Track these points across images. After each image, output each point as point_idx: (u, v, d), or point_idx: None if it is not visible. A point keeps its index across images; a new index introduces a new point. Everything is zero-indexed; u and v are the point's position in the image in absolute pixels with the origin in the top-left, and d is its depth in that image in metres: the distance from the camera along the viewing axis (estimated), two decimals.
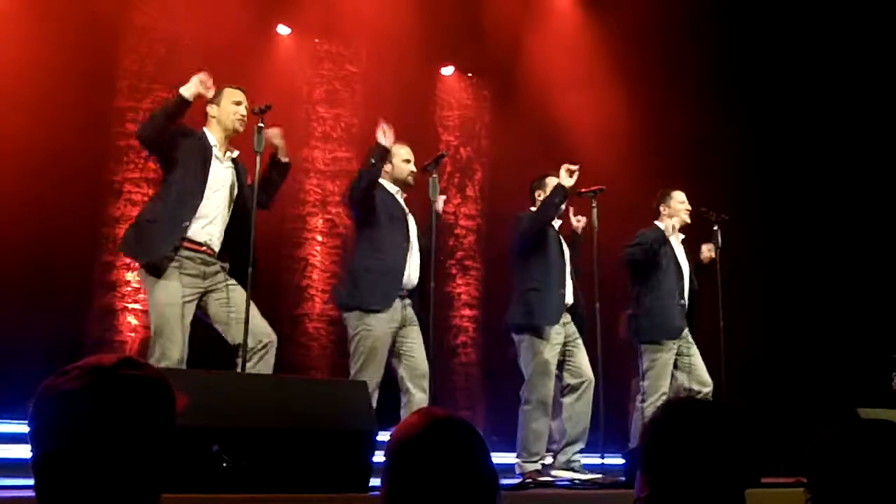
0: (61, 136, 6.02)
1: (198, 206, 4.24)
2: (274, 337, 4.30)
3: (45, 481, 1.35)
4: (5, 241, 5.88)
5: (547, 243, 5.36)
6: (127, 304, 6.77)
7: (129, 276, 6.78)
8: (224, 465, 2.96)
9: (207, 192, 4.29)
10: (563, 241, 5.49)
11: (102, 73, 6.79)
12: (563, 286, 5.35)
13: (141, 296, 6.79)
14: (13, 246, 5.89)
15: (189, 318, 4.20)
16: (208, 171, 4.31)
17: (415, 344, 4.75)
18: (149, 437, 1.36)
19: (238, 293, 4.28)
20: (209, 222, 4.30)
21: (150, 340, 4.22)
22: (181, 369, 4.00)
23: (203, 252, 4.27)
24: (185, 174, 4.27)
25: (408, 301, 4.80)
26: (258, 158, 4.38)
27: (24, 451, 1.42)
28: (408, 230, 4.87)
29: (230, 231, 4.39)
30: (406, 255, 4.78)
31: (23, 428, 1.38)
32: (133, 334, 6.74)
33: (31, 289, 5.91)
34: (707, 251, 5.93)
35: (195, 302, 4.24)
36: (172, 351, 4.09)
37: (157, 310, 4.15)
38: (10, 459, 4.79)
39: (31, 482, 1.37)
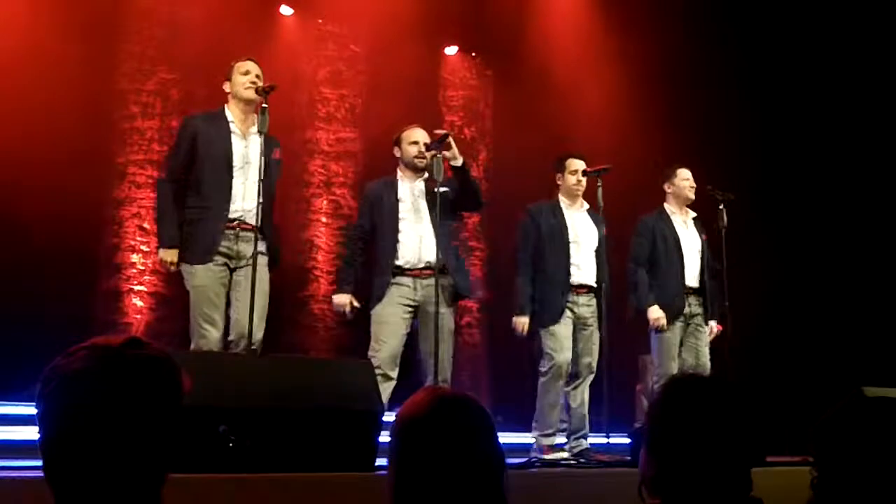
0: (65, 118, 6.00)
1: (229, 192, 4.36)
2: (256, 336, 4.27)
3: (54, 462, 1.35)
4: (10, 224, 5.87)
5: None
6: (133, 287, 6.78)
7: (135, 258, 6.79)
8: (230, 445, 2.98)
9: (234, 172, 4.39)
10: (587, 217, 5.47)
11: (105, 55, 6.77)
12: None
13: (146, 277, 6.80)
14: (18, 229, 5.88)
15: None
16: (231, 152, 4.41)
17: None
18: (156, 417, 1.37)
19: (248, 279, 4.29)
20: (241, 198, 4.36)
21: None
22: (186, 351, 4.03)
23: (235, 228, 4.34)
24: (212, 170, 4.39)
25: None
26: (261, 139, 4.38)
27: (32, 434, 1.43)
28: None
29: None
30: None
31: (31, 410, 1.38)
32: (139, 316, 6.75)
33: (36, 271, 5.92)
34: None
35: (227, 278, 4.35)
36: (209, 330, 4.24)
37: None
38: (18, 441, 4.83)
39: (39, 463, 1.37)
